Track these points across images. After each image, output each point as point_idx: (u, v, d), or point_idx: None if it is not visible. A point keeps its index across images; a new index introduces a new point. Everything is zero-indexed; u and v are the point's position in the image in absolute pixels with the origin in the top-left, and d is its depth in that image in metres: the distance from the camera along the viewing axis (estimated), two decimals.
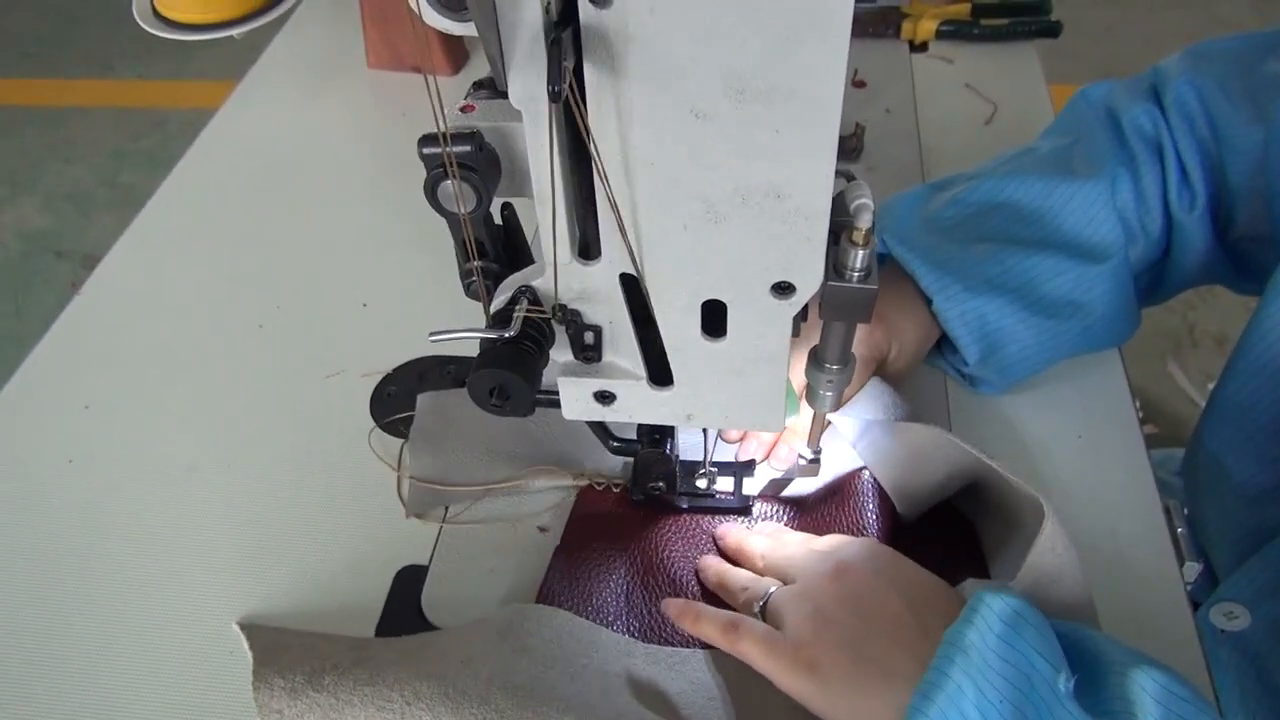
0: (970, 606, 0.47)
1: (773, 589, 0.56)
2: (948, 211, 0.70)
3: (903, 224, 0.70)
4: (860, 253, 0.47)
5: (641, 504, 0.65)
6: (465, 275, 0.51)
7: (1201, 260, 0.74)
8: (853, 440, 0.65)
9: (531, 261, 0.51)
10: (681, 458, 0.63)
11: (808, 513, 0.65)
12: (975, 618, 0.47)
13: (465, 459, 0.68)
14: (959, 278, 0.66)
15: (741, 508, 0.65)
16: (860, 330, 0.62)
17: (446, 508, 0.66)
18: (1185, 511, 0.65)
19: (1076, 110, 0.77)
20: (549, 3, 0.38)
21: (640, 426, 0.62)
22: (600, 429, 0.62)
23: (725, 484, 0.65)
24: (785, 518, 0.65)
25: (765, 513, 0.65)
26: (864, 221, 0.46)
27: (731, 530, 0.63)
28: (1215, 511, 0.75)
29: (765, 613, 0.56)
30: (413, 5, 0.41)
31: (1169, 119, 0.72)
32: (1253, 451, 0.68)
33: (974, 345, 0.66)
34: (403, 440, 0.70)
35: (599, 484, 0.66)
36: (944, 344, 0.72)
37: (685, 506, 0.65)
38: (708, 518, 0.65)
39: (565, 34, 0.38)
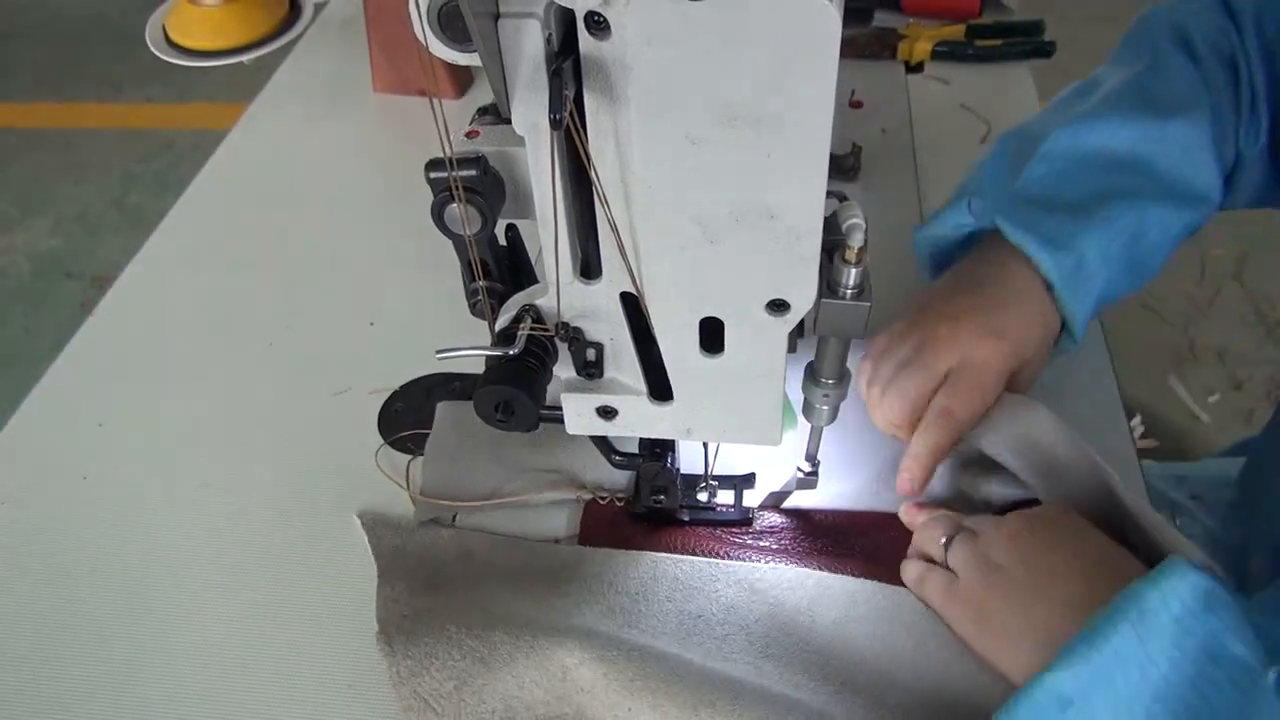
0: (1160, 569, 0.45)
1: (955, 534, 0.58)
2: (1037, 171, 0.65)
3: (1003, 195, 0.64)
4: (853, 270, 0.49)
5: (643, 517, 0.66)
6: (471, 294, 0.53)
7: (1254, 189, 0.69)
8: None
9: (535, 281, 0.53)
10: (682, 471, 0.65)
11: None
12: (1161, 580, 0.45)
13: (476, 468, 0.70)
14: (1078, 260, 0.61)
15: (742, 520, 0.66)
16: (984, 358, 0.61)
17: (454, 517, 0.68)
18: (1178, 523, 0.66)
19: (1142, 34, 0.72)
20: (550, 34, 0.40)
21: (642, 441, 0.63)
22: (603, 443, 0.63)
23: (726, 497, 0.66)
24: (787, 529, 0.66)
25: (769, 524, 0.66)
26: (856, 240, 0.48)
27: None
28: (1264, 520, 0.75)
29: (948, 552, 0.58)
30: (419, 36, 0.42)
31: (1244, 38, 0.66)
32: None
33: (1085, 326, 0.63)
34: (409, 456, 0.71)
35: (603, 498, 0.67)
36: None
37: (687, 519, 0.66)
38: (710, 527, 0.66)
39: (566, 64, 0.40)
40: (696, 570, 0.63)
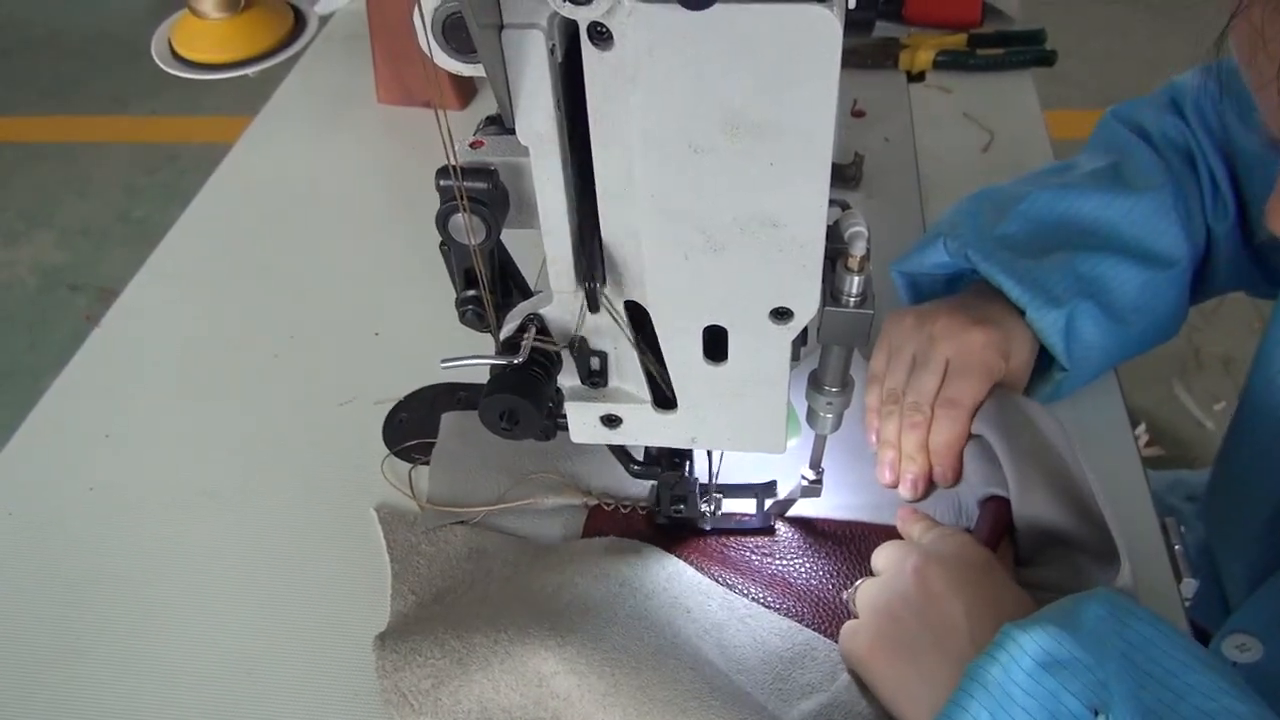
0: (996, 641, 0.47)
1: (860, 581, 0.61)
2: (1012, 227, 0.71)
3: (978, 240, 0.70)
4: (855, 279, 0.49)
5: (665, 527, 0.66)
6: (460, 304, 0.53)
7: (1234, 268, 0.76)
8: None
9: (526, 292, 0.53)
10: (701, 481, 0.65)
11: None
12: (1000, 653, 0.46)
13: (482, 476, 0.70)
14: (1043, 287, 0.67)
15: (764, 529, 0.66)
16: (978, 343, 0.66)
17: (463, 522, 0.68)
18: (1182, 529, 0.66)
19: (1108, 130, 0.79)
20: (553, 45, 0.40)
21: (661, 450, 0.63)
22: (621, 453, 0.63)
23: (746, 506, 0.66)
24: (795, 539, 0.66)
25: (775, 541, 0.66)
26: (858, 249, 0.48)
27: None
28: (1233, 537, 0.76)
29: (854, 599, 0.60)
30: (424, 48, 0.43)
31: (1193, 130, 0.74)
32: (1272, 465, 0.69)
33: (1066, 351, 0.67)
34: (410, 465, 0.72)
35: (607, 504, 0.67)
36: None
37: (708, 529, 0.66)
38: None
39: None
40: (693, 584, 0.63)
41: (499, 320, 0.52)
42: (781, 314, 0.48)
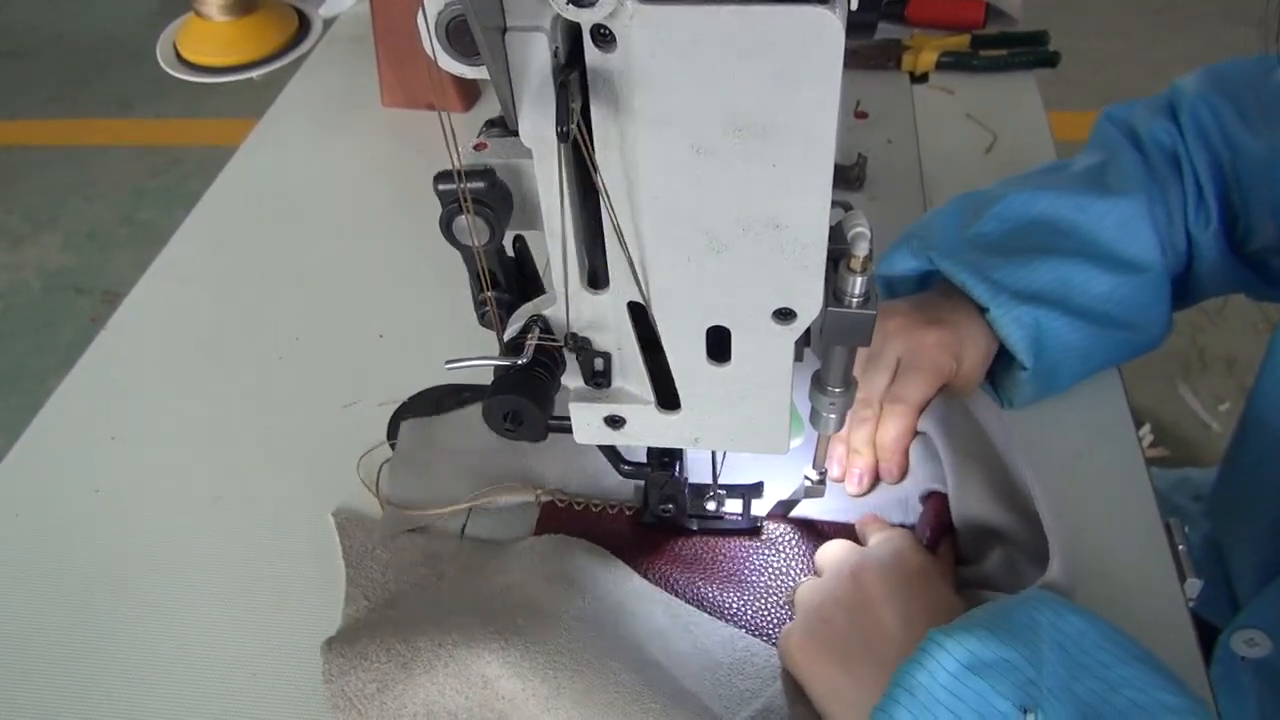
0: (922, 647, 0.47)
1: (804, 579, 0.61)
2: (987, 227, 0.71)
3: (946, 241, 0.71)
4: (858, 279, 0.49)
5: (652, 526, 0.66)
6: (479, 305, 0.53)
7: (1219, 274, 0.76)
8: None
9: (543, 291, 0.53)
10: (690, 480, 0.65)
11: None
12: (925, 659, 0.47)
13: (439, 480, 0.70)
14: (1007, 286, 0.67)
15: (751, 529, 0.66)
16: (929, 343, 0.67)
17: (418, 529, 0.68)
18: (1186, 530, 0.66)
19: (1102, 131, 0.80)
20: (556, 47, 0.40)
21: (650, 450, 0.63)
22: (611, 453, 0.63)
23: (734, 506, 0.66)
24: (796, 539, 0.66)
25: (779, 534, 0.66)
26: (861, 249, 0.48)
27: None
28: (1241, 535, 0.76)
29: (793, 601, 0.60)
30: (428, 51, 0.43)
31: (1184, 135, 0.74)
32: None
33: (1028, 350, 0.67)
34: (382, 461, 0.72)
35: (561, 501, 0.68)
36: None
37: (695, 529, 0.66)
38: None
39: (572, 76, 0.40)
40: (639, 590, 0.63)
41: (505, 322, 0.52)
42: (784, 315, 0.48)
